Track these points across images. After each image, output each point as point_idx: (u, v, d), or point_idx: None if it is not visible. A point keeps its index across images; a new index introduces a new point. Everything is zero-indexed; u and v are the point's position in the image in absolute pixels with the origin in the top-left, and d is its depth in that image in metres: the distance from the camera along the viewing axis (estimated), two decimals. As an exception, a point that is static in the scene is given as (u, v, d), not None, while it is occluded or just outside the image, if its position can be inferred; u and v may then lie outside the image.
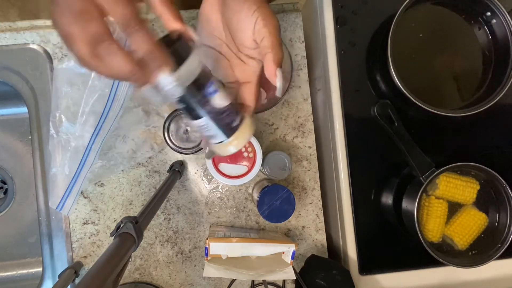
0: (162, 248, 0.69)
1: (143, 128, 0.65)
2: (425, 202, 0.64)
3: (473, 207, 0.65)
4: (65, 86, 0.59)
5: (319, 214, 0.70)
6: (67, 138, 0.60)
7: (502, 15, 0.62)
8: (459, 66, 0.67)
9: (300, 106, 0.70)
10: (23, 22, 0.68)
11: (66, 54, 0.68)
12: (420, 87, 0.62)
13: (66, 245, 0.67)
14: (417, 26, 0.66)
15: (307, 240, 0.70)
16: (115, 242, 0.39)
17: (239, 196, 0.70)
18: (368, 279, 0.67)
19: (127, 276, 0.68)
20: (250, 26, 0.42)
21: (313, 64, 0.74)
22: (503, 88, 0.61)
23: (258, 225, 0.70)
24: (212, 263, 0.59)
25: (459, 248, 0.65)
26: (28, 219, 0.83)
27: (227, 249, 0.60)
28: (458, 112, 0.62)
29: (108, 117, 0.60)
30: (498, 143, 0.68)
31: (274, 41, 0.42)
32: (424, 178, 0.61)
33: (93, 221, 0.68)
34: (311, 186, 0.70)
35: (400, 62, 0.60)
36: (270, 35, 0.42)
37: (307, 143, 0.70)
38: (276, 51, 0.42)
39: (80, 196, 0.67)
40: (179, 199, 0.69)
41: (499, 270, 0.68)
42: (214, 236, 0.60)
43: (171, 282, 0.69)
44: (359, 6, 0.67)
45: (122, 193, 0.68)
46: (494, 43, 0.65)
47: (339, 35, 0.67)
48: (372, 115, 0.66)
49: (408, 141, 0.63)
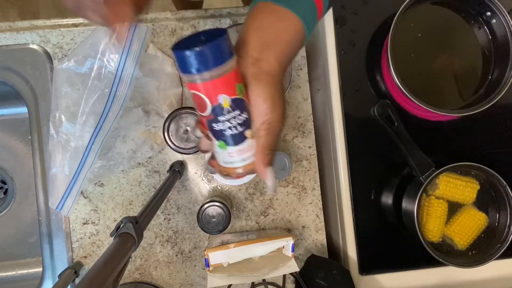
0: (162, 248, 0.69)
1: (143, 128, 0.65)
2: (425, 202, 0.64)
3: (473, 207, 0.65)
4: (65, 86, 0.59)
5: (319, 214, 0.70)
6: (67, 138, 0.60)
7: (502, 15, 0.62)
8: (459, 66, 0.67)
9: (300, 106, 0.70)
10: (23, 22, 0.68)
11: (66, 54, 0.68)
12: (420, 87, 0.62)
13: (66, 245, 0.67)
14: (417, 26, 0.66)
15: (307, 240, 0.70)
16: (115, 242, 0.39)
17: (239, 196, 0.70)
18: (368, 279, 0.67)
19: (127, 276, 0.68)
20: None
21: (313, 64, 0.74)
22: (503, 88, 0.61)
23: (258, 225, 0.70)
24: (215, 272, 0.59)
25: (459, 248, 0.65)
26: (28, 219, 0.83)
27: (226, 256, 0.60)
28: (458, 112, 0.62)
29: (108, 117, 0.60)
30: (498, 143, 0.68)
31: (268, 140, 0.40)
32: (424, 178, 0.61)
33: (93, 221, 0.68)
34: (311, 186, 0.70)
35: (400, 62, 0.60)
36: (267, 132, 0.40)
37: (307, 143, 0.70)
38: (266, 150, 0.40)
39: (80, 196, 0.67)
40: (179, 199, 0.69)
41: (499, 270, 0.68)
42: (212, 246, 0.60)
43: (171, 282, 0.69)
44: (359, 6, 0.67)
45: (122, 193, 0.68)
46: (494, 43, 0.65)
47: (339, 35, 0.67)
48: (372, 115, 0.66)
49: (408, 141, 0.63)
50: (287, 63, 0.42)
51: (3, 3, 1.61)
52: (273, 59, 0.40)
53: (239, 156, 0.41)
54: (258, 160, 0.41)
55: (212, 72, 0.36)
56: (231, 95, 0.38)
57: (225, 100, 0.38)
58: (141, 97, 0.66)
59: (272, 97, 0.40)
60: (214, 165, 0.43)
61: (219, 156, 0.42)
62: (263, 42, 0.40)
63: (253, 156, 0.41)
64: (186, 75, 0.37)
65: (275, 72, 0.40)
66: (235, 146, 0.40)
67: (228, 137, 0.40)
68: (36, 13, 1.60)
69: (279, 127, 0.41)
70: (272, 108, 0.40)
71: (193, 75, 0.36)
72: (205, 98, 0.37)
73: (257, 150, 0.40)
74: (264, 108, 0.39)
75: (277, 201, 0.70)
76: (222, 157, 0.41)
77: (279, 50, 0.41)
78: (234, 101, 0.38)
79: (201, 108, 0.39)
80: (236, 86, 0.38)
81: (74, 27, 0.69)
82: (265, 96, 0.39)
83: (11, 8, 1.61)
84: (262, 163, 0.40)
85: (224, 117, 0.38)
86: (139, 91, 0.65)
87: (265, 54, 0.40)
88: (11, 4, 1.61)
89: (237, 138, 0.40)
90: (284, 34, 0.41)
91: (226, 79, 0.37)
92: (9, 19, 1.61)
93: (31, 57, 0.67)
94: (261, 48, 0.40)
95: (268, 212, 0.70)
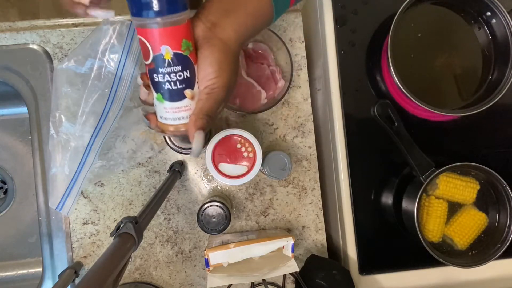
0: (162, 248, 0.69)
1: (143, 128, 0.65)
2: (425, 202, 0.64)
3: (473, 207, 0.65)
4: (65, 86, 0.59)
5: (319, 214, 0.70)
6: (67, 138, 0.60)
7: (502, 15, 0.62)
8: (459, 66, 0.67)
9: (300, 106, 0.70)
10: (23, 22, 0.68)
11: (66, 54, 0.68)
12: (420, 87, 0.62)
13: (66, 245, 0.67)
14: (417, 26, 0.66)
15: (307, 240, 0.70)
16: (115, 242, 0.39)
17: (239, 196, 0.70)
18: (368, 279, 0.67)
19: (127, 276, 0.68)
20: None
21: (313, 64, 0.74)
22: (503, 88, 0.61)
23: (258, 225, 0.70)
24: (215, 272, 0.59)
25: (459, 248, 0.65)
26: (28, 219, 0.83)
27: (226, 256, 0.60)
28: (458, 112, 0.63)
29: (108, 117, 0.60)
30: (498, 143, 0.68)
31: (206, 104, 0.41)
32: (424, 178, 0.61)
33: (93, 221, 0.68)
34: (311, 186, 0.70)
35: (400, 62, 0.60)
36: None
37: (307, 143, 0.70)
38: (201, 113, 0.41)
39: (80, 196, 0.67)
40: (179, 199, 0.69)
41: (499, 270, 0.68)
42: (212, 246, 0.60)
43: (171, 282, 0.69)
44: (359, 6, 0.67)
45: (122, 193, 0.68)
46: (494, 43, 0.65)
47: (339, 35, 0.67)
48: (372, 115, 0.66)
49: (408, 141, 0.63)
50: (246, 34, 0.42)
51: (3, 3, 1.60)
52: (230, 27, 0.40)
53: (175, 114, 0.41)
54: (191, 121, 0.41)
55: (161, 19, 0.37)
56: (174, 49, 0.38)
57: (167, 51, 0.38)
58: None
59: (219, 63, 0.40)
60: (151, 119, 0.44)
61: (157, 109, 0.43)
62: (224, 9, 0.40)
63: (188, 117, 0.41)
64: (136, 18, 0.37)
65: (229, 41, 0.40)
66: (172, 102, 0.41)
67: (166, 91, 0.40)
68: (36, 13, 1.60)
69: (221, 94, 0.41)
70: (218, 73, 0.40)
71: (142, 19, 0.37)
72: (148, 44, 0.38)
73: (193, 112, 0.41)
74: (209, 72, 0.40)
75: (277, 201, 0.70)
76: (159, 111, 0.42)
77: (239, 20, 0.41)
78: (176, 55, 0.38)
79: (145, 55, 0.39)
80: (182, 41, 0.38)
81: (74, 27, 0.69)
82: (212, 61, 0.40)
83: (11, 8, 1.61)
84: (194, 125, 0.40)
85: (164, 69, 0.39)
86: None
87: (222, 21, 0.40)
88: (11, 4, 1.61)
89: (175, 94, 0.40)
90: (249, 5, 0.41)
91: (173, 30, 0.37)
92: (9, 19, 1.61)
93: (31, 57, 0.67)
94: (220, 14, 0.40)
95: (268, 212, 0.70)
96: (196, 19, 0.40)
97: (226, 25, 0.40)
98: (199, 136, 0.41)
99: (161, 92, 0.40)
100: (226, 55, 0.40)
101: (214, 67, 0.40)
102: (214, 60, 0.40)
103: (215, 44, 0.40)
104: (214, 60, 0.40)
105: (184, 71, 0.39)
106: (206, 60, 0.40)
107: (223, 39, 0.40)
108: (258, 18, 0.42)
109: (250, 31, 0.42)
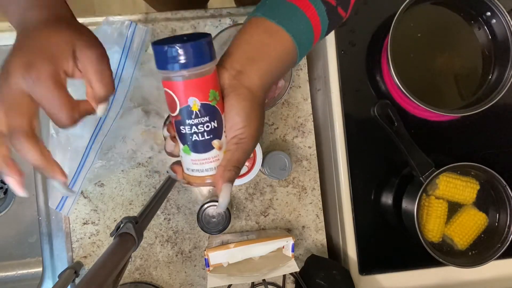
0: (162, 248, 0.69)
1: (143, 128, 0.65)
2: (425, 202, 0.64)
3: (473, 207, 0.65)
4: (65, 86, 0.59)
5: (319, 214, 0.70)
6: (67, 138, 0.60)
7: (502, 15, 0.62)
8: (459, 66, 0.67)
9: (300, 106, 0.70)
10: (23, 22, 0.68)
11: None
12: (420, 87, 0.62)
13: (66, 245, 0.67)
14: (417, 26, 0.66)
15: (307, 240, 0.70)
16: (115, 242, 0.39)
17: (239, 196, 0.70)
18: (368, 279, 0.67)
19: (127, 276, 0.68)
20: None
21: (313, 64, 0.74)
22: (503, 88, 0.61)
23: (258, 225, 0.70)
24: (215, 272, 0.59)
25: (459, 248, 0.65)
26: (28, 219, 0.83)
27: (226, 256, 0.60)
28: (458, 112, 0.63)
29: (108, 117, 0.60)
30: (498, 143, 0.68)
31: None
32: (424, 178, 0.61)
33: (93, 221, 0.68)
34: (311, 186, 0.70)
35: (400, 62, 0.60)
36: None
37: (307, 143, 0.70)
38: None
39: (80, 196, 0.67)
40: (179, 199, 0.69)
41: (499, 270, 0.68)
42: (212, 246, 0.60)
43: (171, 282, 0.69)
44: (359, 6, 0.67)
45: (122, 193, 0.68)
46: (494, 43, 0.65)
47: (339, 35, 0.67)
48: (372, 115, 0.66)
49: (408, 141, 0.63)
50: (271, 81, 0.41)
51: (3, 3, 1.60)
52: (256, 75, 0.39)
53: (202, 166, 0.39)
54: (219, 173, 0.39)
55: (187, 72, 0.35)
56: (202, 100, 0.37)
57: (195, 103, 0.37)
58: (141, 97, 0.66)
59: (247, 112, 0.39)
60: (177, 171, 0.41)
61: (183, 161, 0.41)
62: (248, 56, 0.39)
63: (216, 168, 0.39)
64: (162, 71, 0.36)
65: (255, 88, 0.39)
66: (199, 153, 0.39)
67: (193, 142, 0.38)
68: (36, 13, 1.60)
69: (250, 144, 0.39)
70: (246, 122, 0.39)
71: (168, 72, 0.36)
72: (175, 97, 0.37)
73: (221, 163, 0.39)
74: (237, 122, 0.38)
75: (277, 201, 0.70)
76: (185, 163, 0.40)
77: (264, 67, 0.40)
78: (204, 106, 0.37)
79: (171, 107, 0.38)
80: (209, 92, 0.37)
81: (74, 27, 0.69)
82: (239, 110, 0.38)
83: (11, 8, 1.61)
84: (221, 177, 0.38)
85: (191, 120, 0.37)
86: (139, 91, 0.65)
87: (248, 68, 0.39)
88: (11, 4, 1.61)
89: (202, 146, 0.38)
90: (272, 51, 0.40)
91: (200, 82, 0.36)
92: (9, 19, 1.61)
93: (31, 57, 0.67)
94: (245, 62, 0.39)
95: (268, 212, 0.70)
96: (221, 67, 0.39)
97: (252, 73, 0.39)
98: (226, 189, 0.38)
99: (188, 144, 0.39)
100: (253, 104, 0.39)
101: (242, 116, 0.38)
102: (241, 109, 0.38)
103: (241, 93, 0.39)
104: (241, 109, 0.38)
105: (212, 121, 0.38)
106: (233, 109, 0.38)
107: (249, 87, 0.39)
108: (282, 64, 0.41)
109: (274, 77, 0.41)
